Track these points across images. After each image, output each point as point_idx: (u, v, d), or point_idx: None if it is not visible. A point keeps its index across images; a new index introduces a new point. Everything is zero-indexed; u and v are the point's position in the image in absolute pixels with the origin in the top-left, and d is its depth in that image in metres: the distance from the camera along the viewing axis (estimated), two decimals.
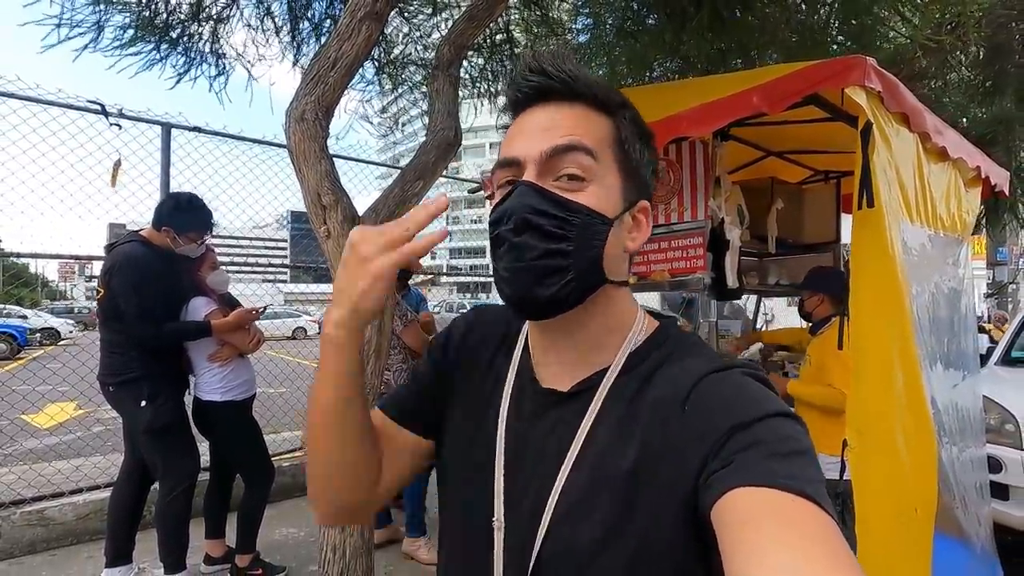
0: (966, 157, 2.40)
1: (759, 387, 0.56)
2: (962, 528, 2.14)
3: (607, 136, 0.60)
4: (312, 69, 1.69)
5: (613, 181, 0.59)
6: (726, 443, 0.49)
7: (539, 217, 0.56)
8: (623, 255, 0.62)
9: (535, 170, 0.58)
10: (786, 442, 0.49)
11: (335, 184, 1.82)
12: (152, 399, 2.37)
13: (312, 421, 0.64)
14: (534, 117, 0.60)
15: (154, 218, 2.51)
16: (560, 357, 0.63)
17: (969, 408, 2.42)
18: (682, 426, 0.54)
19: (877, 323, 1.72)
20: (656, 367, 0.59)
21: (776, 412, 0.51)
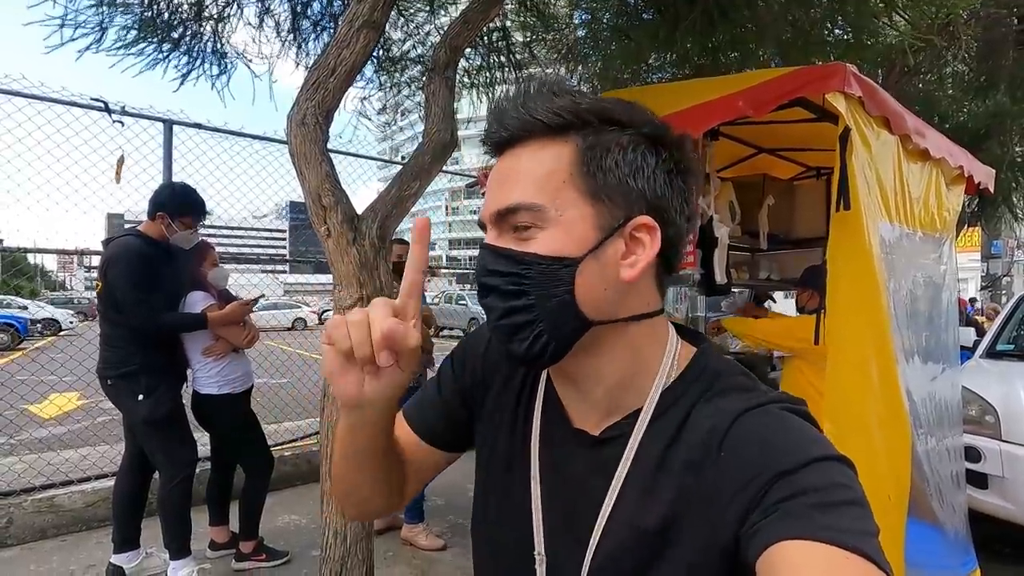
0: (948, 157, 2.47)
1: (801, 424, 0.52)
2: (936, 515, 2.23)
3: (560, 167, 0.54)
4: (312, 75, 1.75)
5: (577, 212, 0.53)
6: (769, 490, 0.47)
7: (493, 278, 0.55)
8: (619, 286, 0.55)
9: (493, 232, 0.57)
10: (836, 491, 0.46)
11: (335, 185, 1.89)
12: (149, 392, 2.43)
13: (339, 454, 0.64)
14: (496, 168, 0.58)
15: (149, 208, 2.57)
16: (586, 397, 0.60)
17: (947, 399, 2.50)
18: (719, 472, 0.51)
19: (853, 319, 1.80)
20: (691, 406, 0.56)
21: (823, 456, 0.48)
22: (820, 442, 0.50)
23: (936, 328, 2.57)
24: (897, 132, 2.07)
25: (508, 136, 0.56)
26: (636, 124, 0.56)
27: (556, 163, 0.54)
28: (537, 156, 0.55)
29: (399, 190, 2.04)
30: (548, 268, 0.53)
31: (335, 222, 1.89)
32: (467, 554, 2.97)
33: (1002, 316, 3.95)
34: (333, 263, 1.96)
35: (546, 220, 0.53)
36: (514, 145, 0.56)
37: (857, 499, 0.46)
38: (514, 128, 0.55)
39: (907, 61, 4.57)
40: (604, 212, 0.54)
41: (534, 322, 0.54)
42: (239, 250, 20.92)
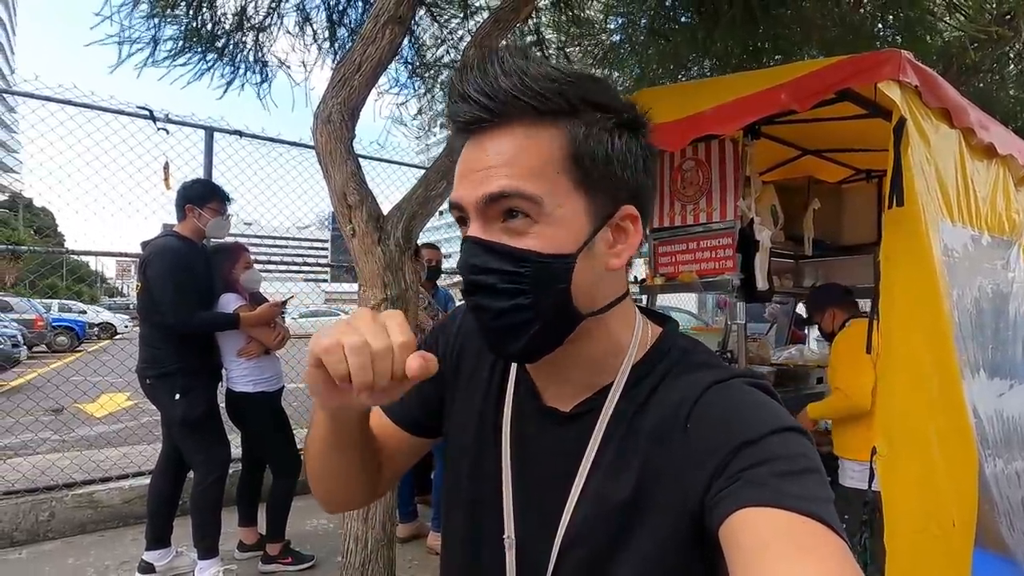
0: (1017, 154, 2.28)
1: (764, 398, 0.53)
2: (1007, 546, 2.02)
3: (554, 156, 0.51)
4: (338, 72, 1.75)
5: (573, 206, 0.52)
6: (733, 459, 0.48)
7: (487, 276, 0.52)
8: (605, 276, 0.55)
9: (478, 221, 0.53)
10: (796, 460, 0.47)
11: (361, 184, 1.87)
12: (186, 392, 2.47)
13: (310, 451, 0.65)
14: (470, 153, 0.53)
15: (177, 209, 2.63)
16: (560, 379, 0.61)
17: (1017, 418, 2.28)
18: (685, 444, 0.52)
19: (910, 327, 1.66)
20: (658, 382, 0.57)
21: (783, 427, 0.49)
22: (780, 414, 0.51)
23: (1003, 340, 2.36)
24: (959, 125, 1.92)
25: (487, 117, 0.50)
26: (619, 109, 0.53)
27: (548, 152, 0.51)
28: (525, 143, 0.51)
29: (425, 190, 2.02)
30: (547, 266, 0.51)
31: (360, 221, 1.87)
32: None
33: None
34: (358, 263, 1.94)
35: (541, 214, 0.51)
36: (491, 128, 0.51)
37: (815, 467, 0.47)
38: (495, 108, 0.50)
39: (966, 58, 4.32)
40: (596, 203, 0.53)
41: (531, 320, 0.52)
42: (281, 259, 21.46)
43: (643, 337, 0.60)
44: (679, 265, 2.80)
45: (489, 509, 0.62)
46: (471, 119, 0.51)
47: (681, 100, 2.30)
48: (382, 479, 0.72)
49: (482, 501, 0.63)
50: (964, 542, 1.68)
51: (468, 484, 0.66)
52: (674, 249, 2.83)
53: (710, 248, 2.66)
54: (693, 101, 2.22)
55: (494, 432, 0.64)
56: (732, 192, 2.57)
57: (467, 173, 0.53)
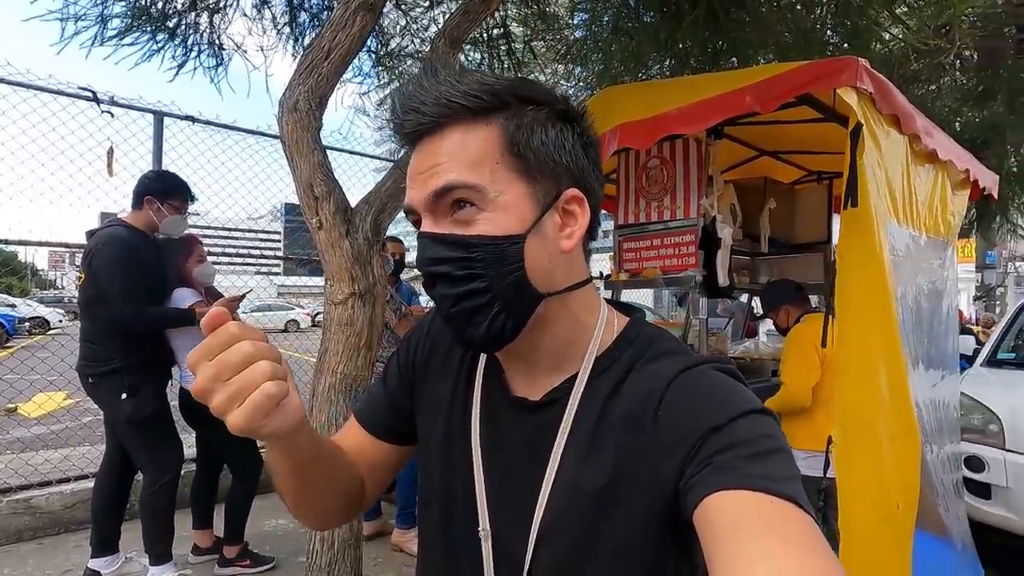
0: (955, 160, 2.43)
1: (730, 383, 0.55)
2: (945, 526, 2.17)
3: (491, 148, 0.54)
4: (306, 59, 1.69)
5: (515, 192, 0.55)
6: (702, 445, 0.49)
7: (441, 265, 0.55)
8: (560, 258, 0.57)
9: (429, 218, 0.56)
10: (762, 441, 0.49)
11: (328, 175, 1.82)
12: (133, 391, 2.34)
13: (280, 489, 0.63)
14: (415, 159, 0.57)
15: (134, 197, 2.48)
16: (528, 367, 0.62)
17: (947, 407, 2.45)
18: (657, 432, 0.53)
19: (863, 322, 1.74)
20: (626, 371, 0.58)
21: (749, 410, 0.51)
22: (746, 397, 0.53)
23: (937, 335, 2.52)
24: (907, 131, 2.03)
25: (428, 123, 0.54)
26: (550, 102, 0.57)
27: (485, 145, 0.54)
28: (464, 140, 0.54)
29: (394, 183, 1.98)
30: (497, 248, 0.54)
31: (327, 213, 1.82)
32: None
33: (1003, 324, 3.91)
34: (324, 256, 1.89)
35: (486, 202, 0.54)
36: (433, 133, 0.55)
37: (781, 447, 0.49)
38: (434, 114, 0.54)
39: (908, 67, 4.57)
40: (538, 188, 0.56)
41: (491, 303, 0.55)
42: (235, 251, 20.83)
43: (608, 325, 0.62)
44: (643, 261, 2.85)
45: (462, 502, 0.63)
46: (413, 128, 0.55)
47: (647, 98, 2.34)
48: (365, 493, 0.73)
49: (455, 495, 0.64)
50: (907, 525, 1.79)
51: (440, 479, 0.66)
52: (639, 245, 2.89)
53: (673, 245, 2.73)
54: (660, 100, 2.26)
55: (463, 425, 0.65)
56: (695, 190, 2.64)
57: (414, 176, 0.57)
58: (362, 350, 1.95)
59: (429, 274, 0.56)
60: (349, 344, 1.92)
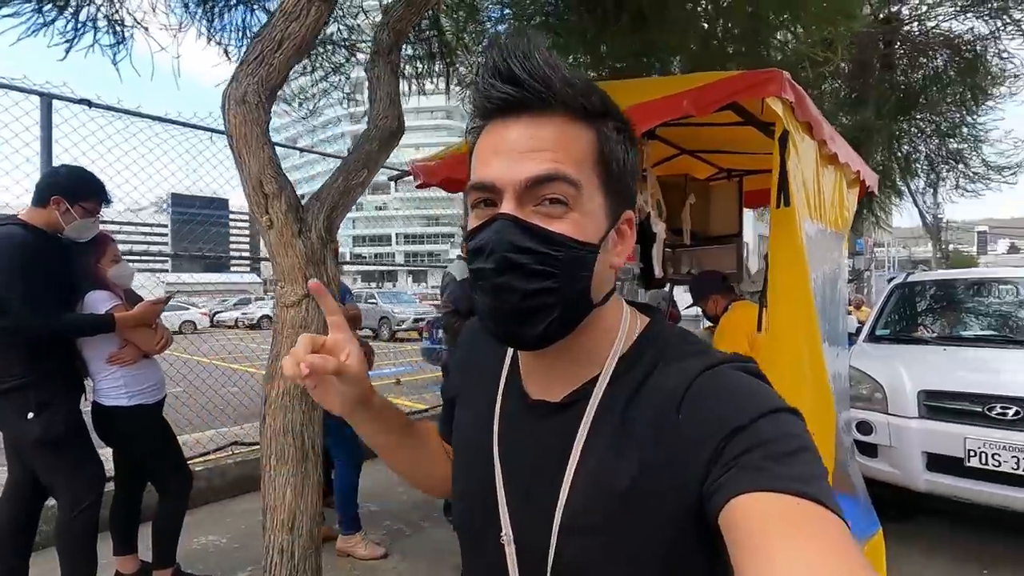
0: (850, 162, 2.75)
1: (752, 382, 0.54)
2: (852, 484, 2.49)
3: (589, 152, 0.54)
4: (255, 49, 1.59)
5: (597, 202, 0.55)
6: (726, 446, 0.48)
7: (522, 255, 0.52)
8: (608, 273, 0.58)
9: (514, 200, 0.53)
10: (787, 440, 0.48)
11: (278, 171, 1.73)
12: (41, 409, 2.09)
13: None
14: (508, 133, 0.54)
15: (37, 193, 2.19)
16: (548, 372, 0.62)
17: (843, 379, 2.80)
18: (678, 434, 0.52)
19: (790, 310, 1.95)
20: (647, 372, 0.58)
21: (773, 408, 0.50)
22: (770, 396, 0.52)
23: (836, 316, 2.86)
24: (816, 137, 2.27)
25: (535, 100, 0.52)
26: (628, 123, 0.58)
27: (587, 146, 0.54)
28: (570, 134, 0.53)
29: (346, 180, 1.92)
30: (579, 252, 0.53)
31: (279, 212, 1.74)
32: (409, 559, 2.89)
33: (878, 306, 4.47)
34: (275, 257, 1.80)
35: (578, 203, 0.53)
36: (537, 112, 0.53)
37: (806, 445, 0.48)
38: (545, 94, 0.51)
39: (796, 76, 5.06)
40: (610, 204, 0.56)
41: (554, 306, 0.54)
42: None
43: (630, 327, 0.62)
44: None
45: (485, 506, 0.63)
46: (518, 99, 0.52)
47: None
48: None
49: (478, 498, 0.65)
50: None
51: (466, 483, 0.68)
52: None
53: None
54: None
55: (486, 430, 0.66)
56: None
57: (504, 152, 0.53)
58: None
59: (503, 259, 0.52)
60: None
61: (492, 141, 0.54)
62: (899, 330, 4.19)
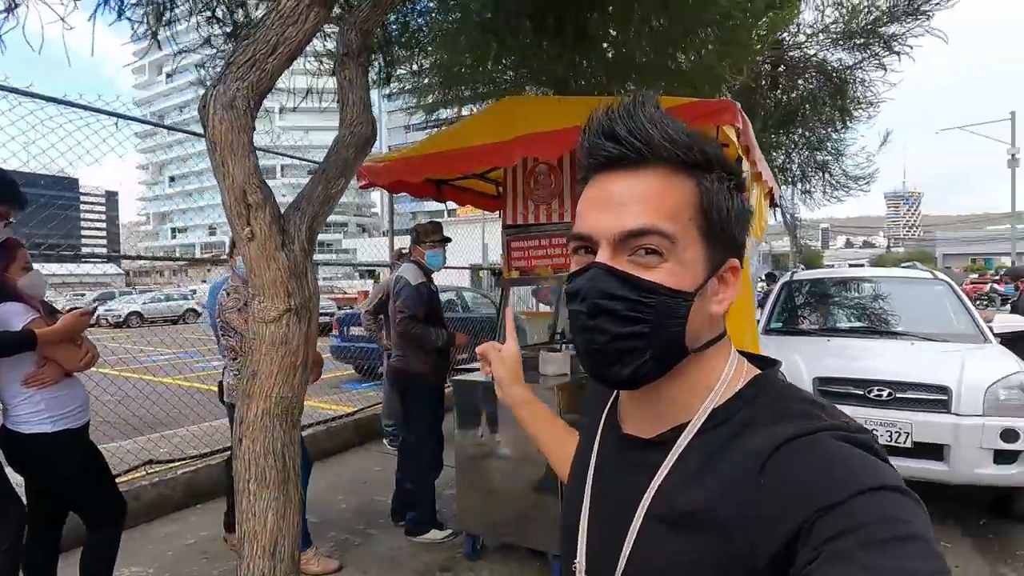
0: (768, 178, 3.11)
1: (854, 454, 0.48)
2: None
3: (688, 203, 0.55)
4: (246, 52, 1.48)
5: (695, 252, 0.56)
6: (813, 528, 0.44)
7: (612, 301, 0.55)
8: (709, 320, 0.58)
9: (608, 251, 0.56)
10: (888, 525, 0.42)
11: (263, 181, 1.63)
12: None
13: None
14: (606, 187, 0.57)
15: None
16: (641, 409, 0.63)
17: None
18: (759, 498, 0.49)
19: (738, 310, 2.20)
20: (736, 431, 0.56)
21: (873, 486, 0.44)
22: (871, 471, 0.47)
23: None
24: (750, 159, 2.55)
25: (632, 157, 0.55)
26: (736, 172, 0.60)
27: (685, 199, 0.55)
28: (667, 187, 0.55)
29: (326, 188, 1.85)
30: (671, 300, 0.55)
31: (263, 224, 1.64)
32: (365, 570, 2.83)
33: (771, 301, 5.05)
34: (253, 271, 1.70)
35: (672, 254, 0.55)
36: (633, 167, 0.56)
37: (913, 533, 0.42)
38: (641, 150, 0.55)
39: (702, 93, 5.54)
40: (711, 253, 0.57)
41: (644, 349, 0.55)
42: None
43: (733, 379, 0.60)
44: (532, 260, 3.07)
45: (572, 535, 0.66)
46: (618, 155, 0.55)
47: (550, 113, 2.53)
48: None
49: (569, 527, 0.67)
50: None
51: (564, 510, 0.72)
52: (527, 244, 3.09)
53: (561, 245, 2.99)
54: (562, 116, 2.47)
55: (586, 458, 0.69)
56: None
57: (602, 206, 0.56)
58: (298, 369, 1.80)
59: (596, 305, 0.55)
60: (285, 364, 1.77)
61: (593, 193, 0.58)
62: (789, 323, 4.78)
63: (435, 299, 3.24)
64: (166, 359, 10.06)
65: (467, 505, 2.89)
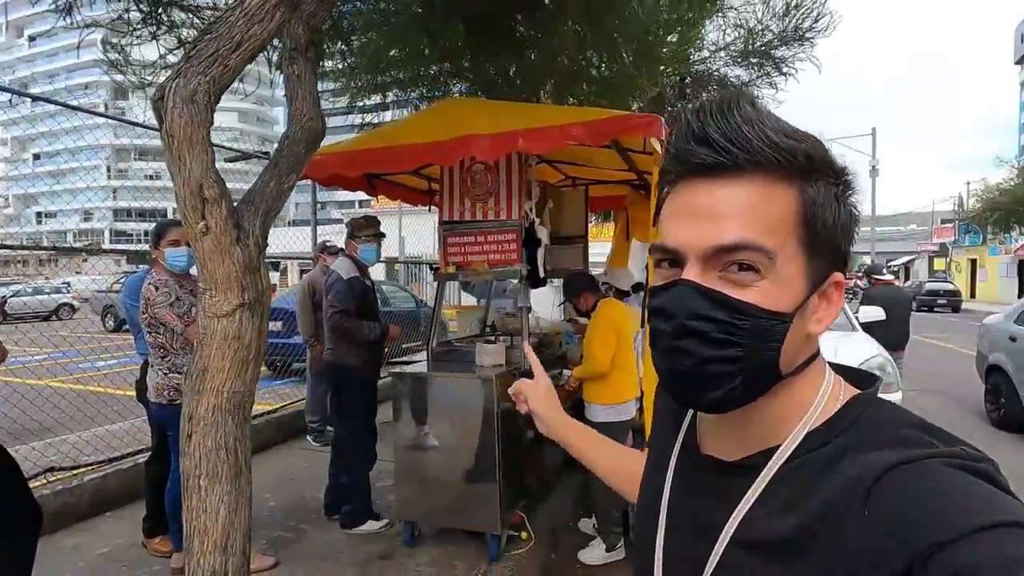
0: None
1: (971, 483, 0.43)
2: None
3: (789, 215, 0.50)
4: (209, 47, 1.46)
5: (795, 269, 0.50)
6: (927, 562, 0.39)
7: (701, 323, 0.50)
8: (806, 340, 0.53)
9: (698, 267, 0.50)
10: (1009, 568, 0.37)
11: (219, 175, 1.63)
12: None
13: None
14: (698, 197, 0.51)
15: None
16: (725, 432, 0.58)
17: None
18: (863, 531, 0.44)
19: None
20: (840, 454, 0.50)
21: (994, 523, 0.39)
22: (991, 504, 0.41)
23: None
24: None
25: (728, 164, 0.49)
26: (843, 174, 0.53)
27: (785, 210, 0.50)
28: (765, 196, 0.50)
29: (278, 183, 1.86)
30: (767, 322, 0.50)
31: (219, 218, 1.63)
32: (303, 564, 2.82)
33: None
34: (206, 266, 1.69)
35: (769, 271, 0.49)
36: (728, 174, 0.50)
37: None
38: (738, 156, 0.49)
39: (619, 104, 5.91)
40: (814, 268, 0.51)
41: (735, 374, 0.50)
42: None
43: (830, 400, 0.55)
44: (468, 255, 3.18)
45: (647, 552, 0.63)
46: (711, 163, 0.50)
47: (492, 116, 2.66)
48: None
49: (644, 543, 0.64)
50: None
51: (639, 524, 0.69)
52: (463, 240, 3.20)
53: (497, 242, 3.13)
54: (504, 119, 2.61)
55: (661, 477, 0.65)
56: (517, 195, 3.08)
57: (692, 217, 0.51)
58: (251, 364, 1.81)
59: (683, 327, 0.50)
60: (237, 359, 1.77)
61: (681, 202, 0.53)
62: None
63: (368, 293, 3.26)
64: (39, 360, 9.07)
65: (405, 494, 2.96)
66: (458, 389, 2.84)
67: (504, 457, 2.76)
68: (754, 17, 6.04)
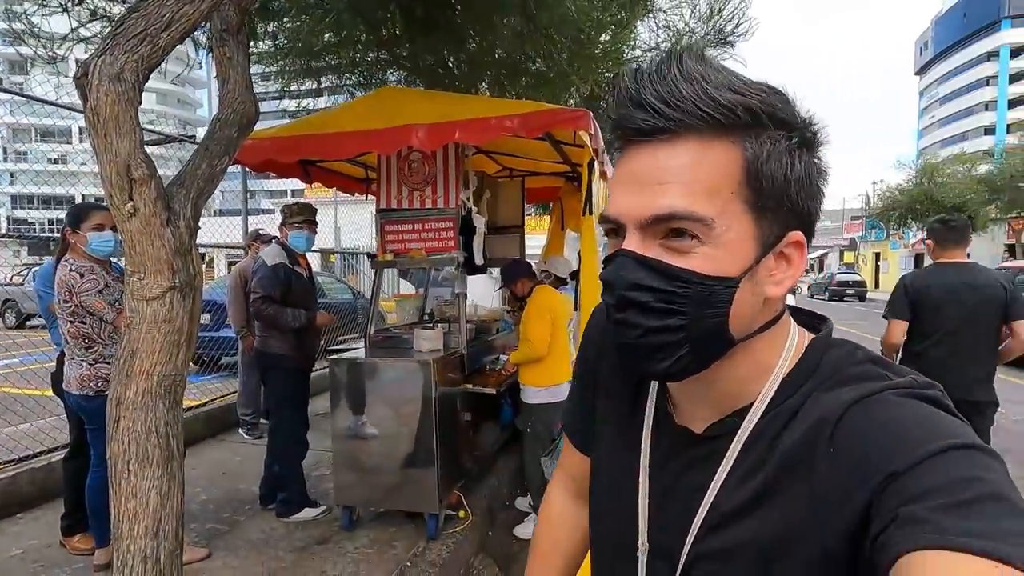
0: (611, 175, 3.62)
1: (922, 410, 0.45)
2: None
3: (733, 174, 0.48)
4: (138, 25, 1.43)
5: (741, 229, 0.48)
6: (883, 494, 0.41)
7: (641, 293, 0.49)
8: (762, 304, 0.51)
9: (637, 236, 0.50)
10: (966, 485, 0.39)
11: (147, 156, 1.60)
12: None
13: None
14: (635, 162, 0.50)
15: None
16: (692, 398, 0.58)
17: None
18: (830, 471, 0.46)
19: (592, 290, 2.61)
20: (803, 401, 0.51)
21: (947, 446, 0.41)
22: (944, 428, 0.43)
23: None
24: (599, 160, 2.99)
25: (661, 128, 0.48)
26: (799, 125, 0.50)
27: (724, 170, 0.48)
28: (701, 159, 0.48)
29: (210, 165, 1.85)
30: (708, 288, 0.48)
31: (147, 199, 1.61)
32: (236, 554, 2.79)
33: None
34: (134, 248, 1.66)
35: (709, 236, 0.48)
36: (670, 136, 0.48)
37: (993, 492, 0.39)
38: (671, 119, 0.47)
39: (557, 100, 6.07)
40: (764, 228, 0.50)
41: (681, 343, 0.50)
42: None
43: (795, 354, 0.55)
44: (406, 243, 3.22)
45: (625, 520, 0.62)
46: (646, 128, 0.48)
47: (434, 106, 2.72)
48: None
49: (619, 512, 0.63)
50: None
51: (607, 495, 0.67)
52: (400, 228, 3.23)
53: (434, 229, 3.18)
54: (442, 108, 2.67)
55: (633, 445, 0.63)
56: (454, 184, 3.14)
57: (629, 184, 0.50)
58: (182, 347, 1.80)
59: (623, 298, 0.50)
60: (168, 342, 1.75)
61: (623, 170, 0.51)
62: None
63: (296, 280, 3.19)
64: None
65: (343, 480, 2.98)
66: (396, 374, 2.89)
67: (442, 439, 2.84)
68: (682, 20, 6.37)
